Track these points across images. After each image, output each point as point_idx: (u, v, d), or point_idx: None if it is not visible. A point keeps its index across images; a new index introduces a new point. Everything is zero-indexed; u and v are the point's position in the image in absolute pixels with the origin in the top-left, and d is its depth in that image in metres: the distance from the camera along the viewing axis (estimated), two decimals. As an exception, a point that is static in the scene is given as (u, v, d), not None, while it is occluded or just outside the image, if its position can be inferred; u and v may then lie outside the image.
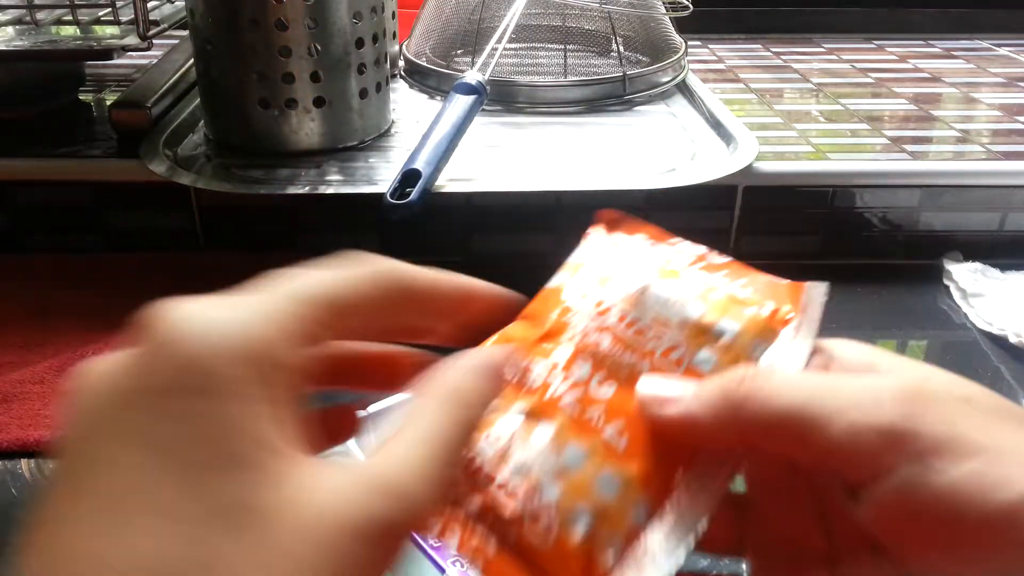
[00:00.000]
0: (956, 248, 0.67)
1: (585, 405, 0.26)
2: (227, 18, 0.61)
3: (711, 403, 0.24)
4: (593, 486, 0.24)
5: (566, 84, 0.75)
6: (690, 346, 0.26)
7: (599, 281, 0.29)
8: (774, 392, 0.23)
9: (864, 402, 0.22)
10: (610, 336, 0.27)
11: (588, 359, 0.26)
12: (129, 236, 0.67)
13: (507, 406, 0.26)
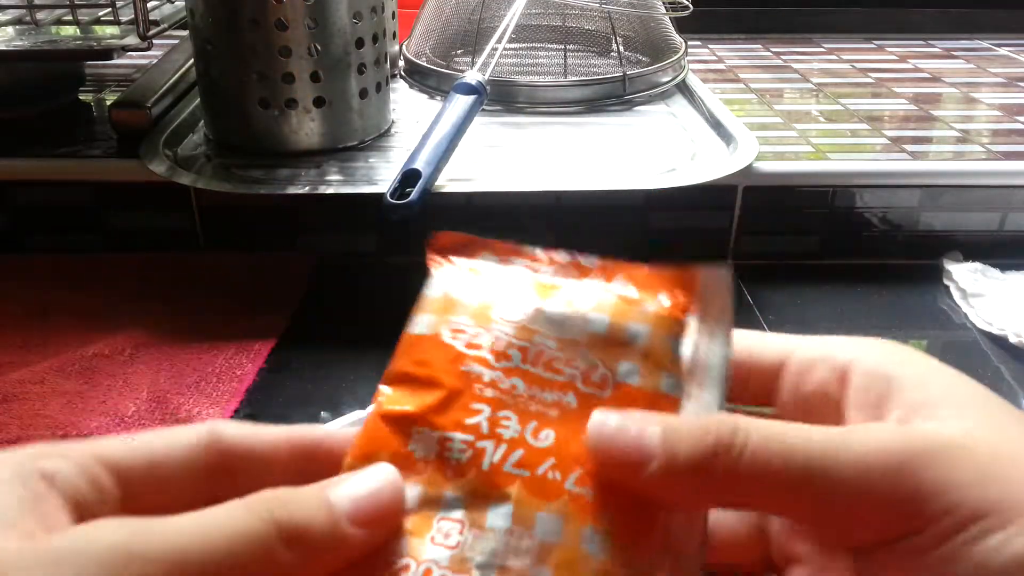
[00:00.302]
0: (956, 248, 0.67)
1: (532, 462, 0.22)
2: (227, 18, 0.61)
3: (692, 463, 0.21)
4: (583, 553, 0.21)
5: (566, 84, 0.75)
6: (608, 362, 0.24)
7: (477, 317, 0.25)
8: (774, 453, 0.21)
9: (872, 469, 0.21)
10: (521, 377, 0.23)
11: (510, 410, 0.23)
12: (129, 236, 0.67)
13: (438, 495, 0.22)
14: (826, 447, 0.21)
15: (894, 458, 0.21)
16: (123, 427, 0.47)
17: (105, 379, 0.51)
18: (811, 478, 0.21)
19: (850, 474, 0.21)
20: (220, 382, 0.51)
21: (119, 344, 0.54)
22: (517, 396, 0.23)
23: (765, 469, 0.21)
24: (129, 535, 0.19)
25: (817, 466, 0.21)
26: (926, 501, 0.20)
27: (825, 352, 0.24)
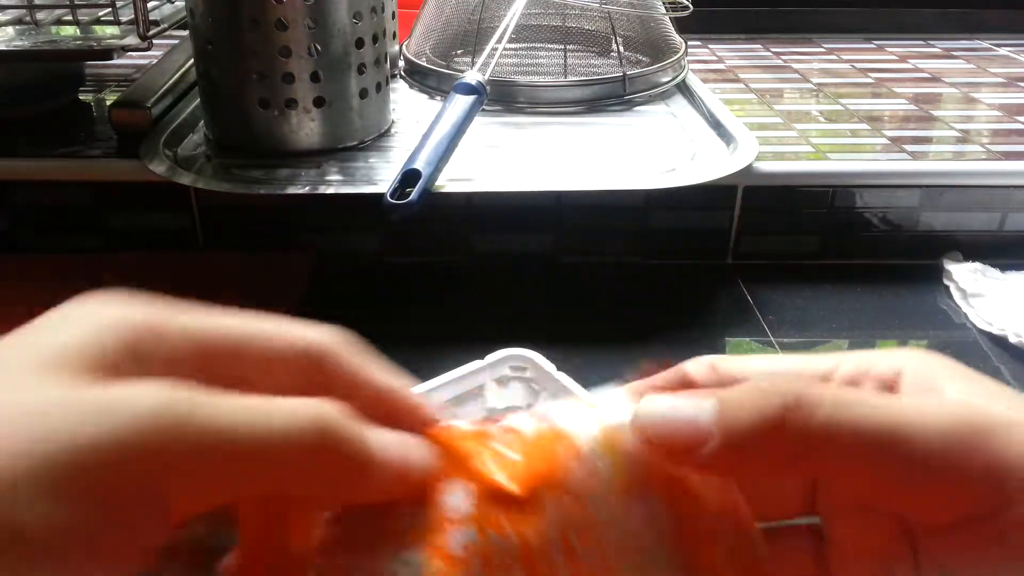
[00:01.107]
0: (956, 248, 0.67)
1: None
2: (227, 18, 0.61)
3: (756, 430, 0.19)
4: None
5: (566, 84, 0.75)
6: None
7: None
8: (850, 416, 0.19)
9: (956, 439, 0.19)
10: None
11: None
12: (129, 236, 0.67)
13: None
14: (906, 411, 0.20)
15: (980, 426, 0.20)
16: (123, 427, 0.47)
17: (105, 379, 0.51)
18: (893, 442, 0.19)
19: (937, 437, 0.19)
20: (220, 382, 0.51)
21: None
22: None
23: (844, 430, 0.19)
24: (178, 401, 0.18)
25: (899, 429, 0.19)
26: (1014, 472, 0.19)
27: (870, 364, 0.23)
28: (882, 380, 0.23)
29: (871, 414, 0.19)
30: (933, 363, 0.23)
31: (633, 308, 0.62)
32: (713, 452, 0.20)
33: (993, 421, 0.20)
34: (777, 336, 0.58)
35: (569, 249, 0.67)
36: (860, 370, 0.23)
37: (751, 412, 0.20)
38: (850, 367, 0.23)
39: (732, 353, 0.57)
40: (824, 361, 0.24)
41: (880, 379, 0.23)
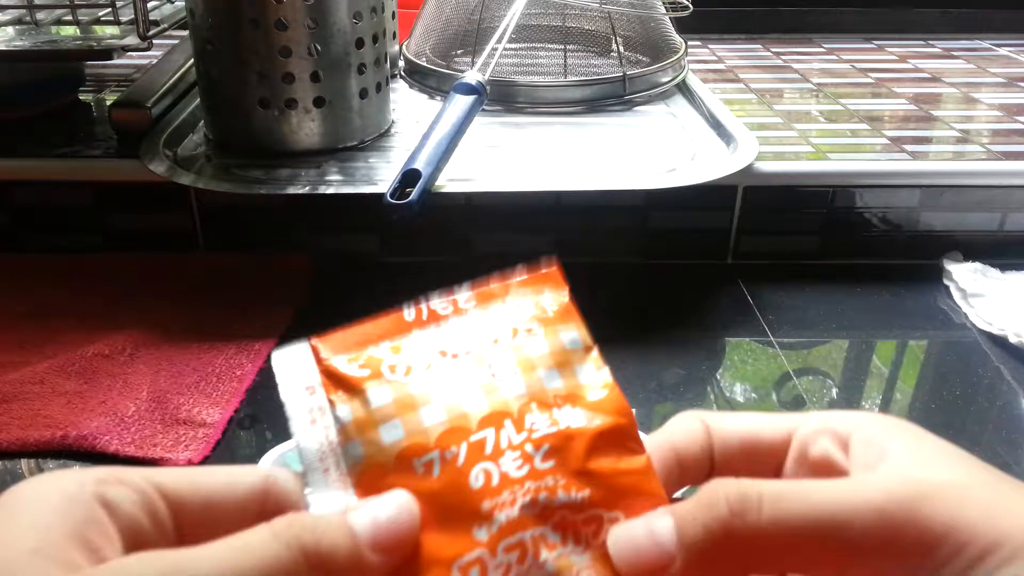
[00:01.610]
0: (956, 248, 0.67)
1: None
2: (227, 18, 0.61)
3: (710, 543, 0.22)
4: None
5: (566, 84, 0.75)
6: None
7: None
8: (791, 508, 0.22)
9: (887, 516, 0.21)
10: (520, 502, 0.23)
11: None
12: (129, 236, 0.67)
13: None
14: (840, 494, 0.22)
15: (907, 494, 0.22)
16: (123, 427, 0.47)
17: (105, 379, 0.51)
18: (832, 527, 0.21)
19: (868, 516, 0.21)
20: (220, 382, 0.51)
21: (119, 344, 0.54)
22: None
23: (785, 525, 0.22)
24: (160, 569, 0.19)
25: (838, 511, 0.22)
26: (942, 538, 0.21)
27: (828, 425, 0.25)
28: (837, 437, 0.25)
29: (806, 506, 0.22)
30: (884, 424, 0.24)
31: (633, 308, 0.62)
32: (679, 571, 0.22)
33: (922, 491, 0.22)
34: (777, 336, 0.58)
35: (569, 249, 0.67)
36: (818, 428, 0.25)
37: (703, 522, 0.22)
38: (810, 428, 0.25)
39: (732, 353, 0.57)
40: (790, 419, 0.26)
41: (835, 436, 0.25)
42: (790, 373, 0.54)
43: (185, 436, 0.47)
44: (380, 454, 0.23)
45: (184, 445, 0.46)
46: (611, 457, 0.24)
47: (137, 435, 0.47)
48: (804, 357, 0.56)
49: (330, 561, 0.21)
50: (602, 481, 0.23)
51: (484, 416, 0.24)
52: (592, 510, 0.23)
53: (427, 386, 0.24)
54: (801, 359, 0.56)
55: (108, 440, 0.46)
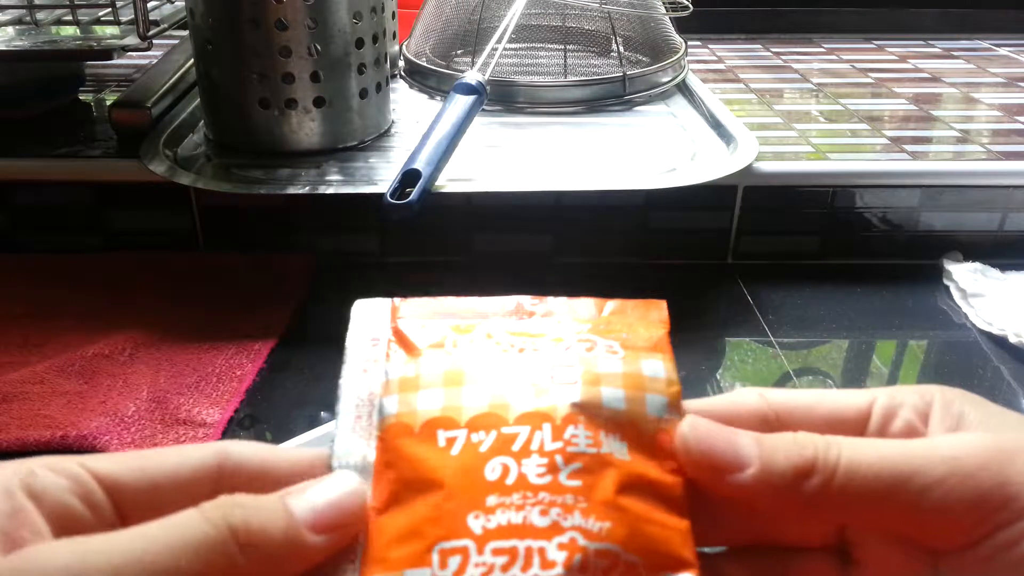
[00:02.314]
0: (956, 248, 0.67)
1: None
2: (227, 18, 0.61)
3: (789, 474, 0.22)
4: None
5: (566, 84, 0.75)
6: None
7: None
8: (866, 464, 0.22)
9: (960, 467, 0.22)
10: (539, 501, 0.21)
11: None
12: (129, 236, 0.67)
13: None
14: (916, 453, 0.22)
15: (981, 455, 0.22)
16: (123, 427, 0.47)
17: (105, 379, 0.51)
18: (905, 484, 0.22)
19: (941, 474, 0.22)
20: (220, 382, 0.51)
21: (119, 344, 0.54)
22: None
23: (859, 480, 0.22)
24: (70, 556, 0.19)
25: (910, 471, 0.22)
26: (1016, 493, 0.21)
27: (907, 398, 0.25)
28: (917, 409, 0.25)
29: (879, 455, 0.22)
30: (961, 394, 0.25)
31: (633, 308, 0.62)
32: (749, 480, 0.22)
33: (1000, 445, 0.22)
34: (777, 336, 0.58)
35: (569, 249, 0.67)
36: (895, 402, 0.25)
37: (785, 456, 0.22)
38: (888, 402, 0.25)
39: (732, 353, 0.57)
40: (861, 396, 0.26)
41: (915, 408, 0.25)
42: (790, 373, 0.54)
43: (185, 436, 0.47)
44: (411, 416, 0.23)
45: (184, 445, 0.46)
46: (647, 504, 0.22)
47: (137, 435, 0.47)
48: (804, 357, 0.56)
49: (262, 541, 0.20)
50: (630, 520, 0.21)
51: (525, 413, 0.23)
52: (609, 544, 0.21)
53: (481, 369, 0.24)
54: (801, 359, 0.56)
55: (108, 440, 0.46)
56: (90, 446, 0.46)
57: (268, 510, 0.21)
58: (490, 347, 0.25)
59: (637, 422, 0.23)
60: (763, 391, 0.26)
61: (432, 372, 0.24)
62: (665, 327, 0.26)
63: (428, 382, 0.24)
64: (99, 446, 0.45)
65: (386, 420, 0.23)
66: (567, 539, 0.21)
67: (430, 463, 0.22)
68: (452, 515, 0.21)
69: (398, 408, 0.23)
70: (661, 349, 0.25)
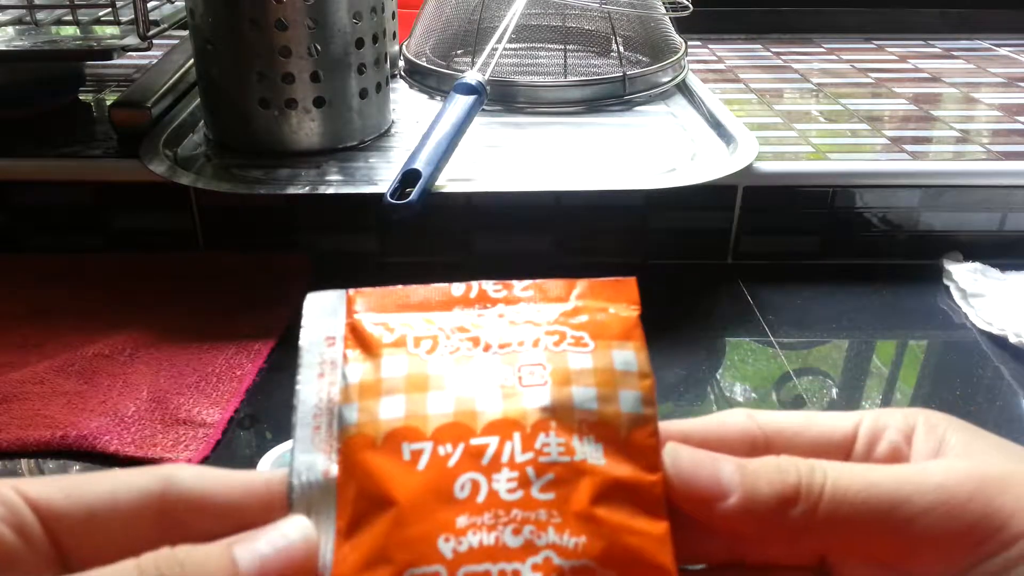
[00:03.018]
0: (956, 248, 0.67)
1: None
2: (227, 18, 0.61)
3: (772, 501, 0.21)
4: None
5: (566, 84, 0.75)
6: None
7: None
8: (854, 491, 0.22)
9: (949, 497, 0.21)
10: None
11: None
12: (129, 236, 0.67)
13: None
14: (904, 480, 0.22)
15: (969, 484, 0.22)
16: (123, 427, 0.47)
17: (105, 379, 0.51)
18: (892, 512, 0.21)
19: (929, 503, 0.21)
20: (220, 382, 0.51)
21: (119, 344, 0.54)
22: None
23: (846, 508, 0.21)
24: None
25: (898, 499, 0.21)
26: (1002, 524, 0.21)
27: (891, 421, 0.25)
28: (901, 432, 0.25)
29: (867, 483, 0.22)
30: (944, 418, 0.25)
31: (633, 308, 0.62)
32: (731, 509, 0.22)
33: (987, 474, 0.22)
34: (777, 336, 0.58)
35: (569, 249, 0.67)
36: (880, 424, 0.25)
37: (768, 483, 0.22)
38: (870, 422, 0.25)
39: (732, 353, 0.57)
40: (847, 418, 0.26)
41: (899, 431, 0.25)
42: (790, 373, 0.54)
43: (185, 436, 0.47)
44: (372, 426, 0.22)
45: (184, 445, 0.46)
46: (624, 511, 0.21)
47: (137, 435, 0.47)
48: (804, 357, 0.56)
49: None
50: (606, 532, 0.21)
51: (493, 421, 0.21)
52: (584, 560, 0.20)
53: (445, 371, 0.22)
54: (801, 359, 0.56)
55: (108, 440, 0.46)
56: (90, 446, 0.46)
57: (212, 562, 0.20)
58: (454, 345, 0.23)
59: (611, 421, 0.22)
60: (751, 412, 0.26)
61: (393, 375, 0.22)
62: (636, 309, 0.24)
63: (389, 387, 0.22)
64: (99, 446, 0.46)
65: (346, 431, 0.22)
66: (541, 559, 0.20)
67: (395, 480, 0.21)
68: (421, 539, 0.20)
69: (358, 417, 0.22)
70: (632, 336, 0.24)
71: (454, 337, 0.23)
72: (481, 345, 0.23)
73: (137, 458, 0.45)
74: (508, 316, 0.24)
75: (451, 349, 0.23)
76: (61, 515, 0.20)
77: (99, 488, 0.21)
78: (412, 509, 0.20)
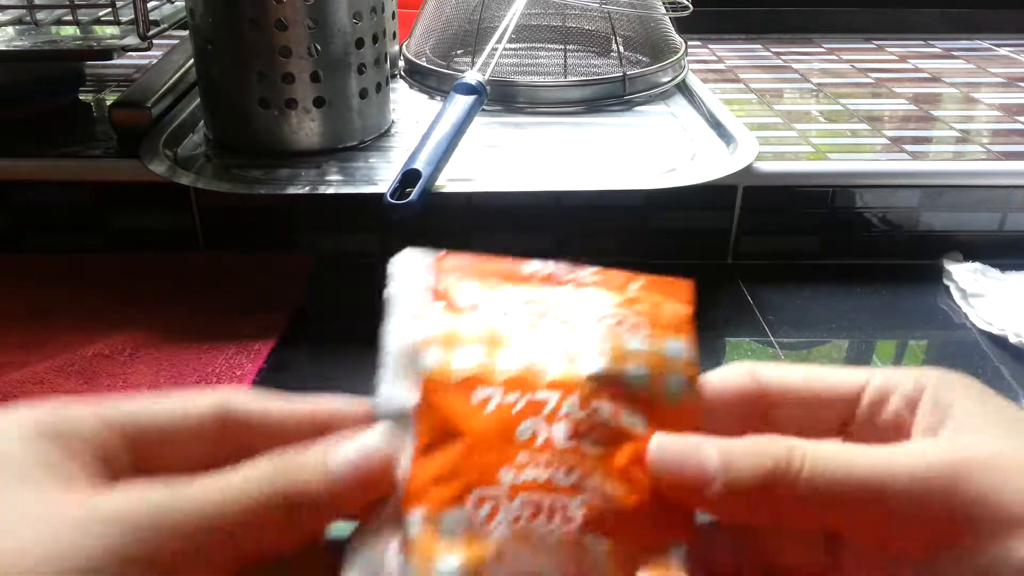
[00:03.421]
0: (956, 248, 0.67)
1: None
2: (227, 18, 0.61)
3: (751, 483, 0.23)
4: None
5: (566, 84, 0.75)
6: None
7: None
8: (831, 471, 0.22)
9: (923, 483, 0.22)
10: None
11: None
12: (129, 236, 0.67)
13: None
14: (880, 462, 0.22)
15: (946, 468, 0.22)
16: (123, 427, 0.47)
17: (105, 379, 0.51)
18: (868, 492, 0.22)
19: (904, 485, 0.22)
20: (220, 382, 0.51)
21: (119, 344, 0.54)
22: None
23: (823, 486, 0.22)
24: (150, 504, 0.21)
25: (875, 480, 0.22)
26: (975, 507, 0.22)
27: (898, 385, 0.25)
28: (907, 398, 0.25)
29: (847, 468, 0.22)
30: (952, 385, 0.25)
31: (633, 308, 0.62)
32: (715, 494, 0.23)
33: (970, 459, 0.22)
34: (777, 336, 0.58)
35: (569, 249, 0.67)
36: (888, 387, 0.25)
37: (747, 466, 0.23)
38: (879, 386, 0.26)
39: (732, 353, 0.57)
40: (855, 377, 0.26)
41: (905, 397, 0.25)
42: (790, 373, 0.54)
43: (185, 436, 0.47)
44: (448, 370, 0.24)
45: (184, 445, 0.46)
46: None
47: (137, 435, 0.47)
48: (804, 357, 0.56)
49: (306, 499, 0.22)
50: (640, 489, 0.24)
51: (555, 380, 0.24)
52: (621, 506, 0.23)
53: (516, 333, 0.25)
54: (801, 359, 0.56)
55: (108, 440, 0.46)
56: (90, 446, 0.46)
57: (309, 467, 0.23)
58: (526, 312, 0.26)
59: (656, 400, 0.25)
60: (754, 367, 0.26)
61: (471, 331, 0.25)
62: (689, 307, 0.27)
63: (467, 339, 0.25)
64: (99, 446, 0.45)
65: (426, 371, 0.25)
66: (587, 499, 0.23)
67: (466, 418, 0.24)
68: (486, 466, 0.23)
69: (438, 361, 0.25)
70: (684, 331, 0.27)
71: (527, 307, 0.26)
72: (550, 317, 0.26)
73: (137, 458, 0.45)
74: (575, 295, 0.27)
75: (523, 316, 0.26)
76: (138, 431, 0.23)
77: (169, 409, 0.24)
78: (479, 442, 0.23)
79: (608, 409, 0.24)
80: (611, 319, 0.26)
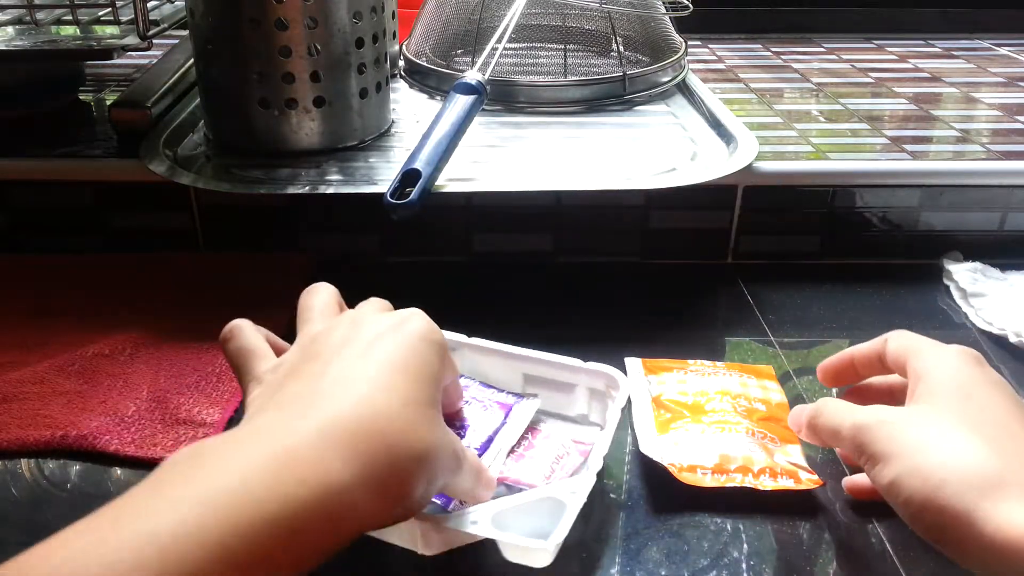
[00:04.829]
0: (956, 248, 0.67)
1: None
2: (227, 18, 0.61)
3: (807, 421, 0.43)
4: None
5: (566, 84, 0.75)
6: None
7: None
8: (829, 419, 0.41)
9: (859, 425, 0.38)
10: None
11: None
12: (129, 236, 0.67)
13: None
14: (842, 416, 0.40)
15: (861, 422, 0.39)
16: (123, 427, 0.47)
17: (105, 379, 0.51)
18: (840, 433, 0.39)
19: (849, 432, 0.39)
20: (220, 382, 0.51)
21: (119, 344, 0.54)
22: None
23: (825, 427, 0.41)
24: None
25: (833, 426, 0.40)
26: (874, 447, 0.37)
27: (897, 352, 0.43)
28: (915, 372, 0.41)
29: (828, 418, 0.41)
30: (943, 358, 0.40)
31: (633, 308, 0.62)
32: (805, 431, 0.43)
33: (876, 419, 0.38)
34: (777, 336, 0.58)
35: (569, 249, 0.67)
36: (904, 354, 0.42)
37: (807, 414, 0.43)
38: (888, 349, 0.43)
39: (732, 353, 0.57)
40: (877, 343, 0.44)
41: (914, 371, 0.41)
42: (790, 373, 0.54)
43: (185, 436, 0.47)
44: (660, 393, 0.50)
45: (184, 445, 0.46)
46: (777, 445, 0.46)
47: (137, 435, 0.47)
48: (804, 357, 0.56)
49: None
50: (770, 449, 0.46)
51: (718, 391, 0.50)
52: (764, 439, 0.46)
53: (691, 383, 0.50)
54: (801, 359, 0.56)
55: (108, 440, 0.46)
56: (90, 446, 0.46)
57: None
58: (694, 376, 0.51)
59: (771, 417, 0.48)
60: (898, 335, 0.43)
61: (668, 383, 0.51)
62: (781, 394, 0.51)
63: (666, 385, 0.50)
64: (99, 446, 0.46)
65: (652, 392, 0.50)
66: (747, 430, 0.46)
67: (679, 404, 0.49)
68: (697, 415, 0.48)
69: (657, 390, 0.50)
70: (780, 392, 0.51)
71: (695, 374, 0.51)
72: (706, 374, 0.51)
73: (137, 458, 0.45)
74: (719, 376, 0.51)
75: (691, 385, 0.50)
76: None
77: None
78: (689, 408, 0.48)
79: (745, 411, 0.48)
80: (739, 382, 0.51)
